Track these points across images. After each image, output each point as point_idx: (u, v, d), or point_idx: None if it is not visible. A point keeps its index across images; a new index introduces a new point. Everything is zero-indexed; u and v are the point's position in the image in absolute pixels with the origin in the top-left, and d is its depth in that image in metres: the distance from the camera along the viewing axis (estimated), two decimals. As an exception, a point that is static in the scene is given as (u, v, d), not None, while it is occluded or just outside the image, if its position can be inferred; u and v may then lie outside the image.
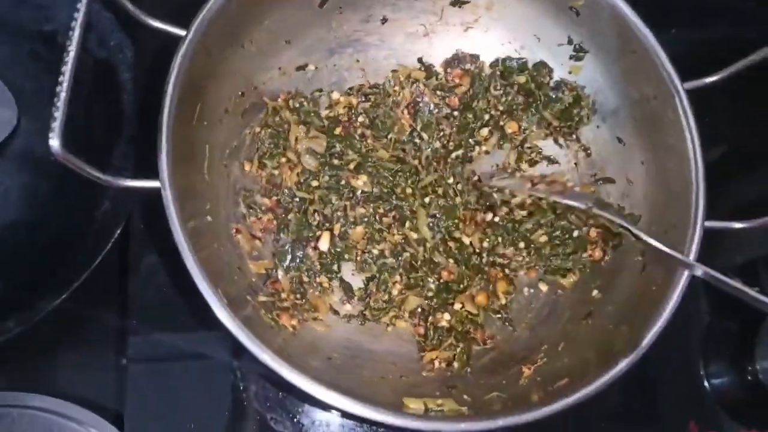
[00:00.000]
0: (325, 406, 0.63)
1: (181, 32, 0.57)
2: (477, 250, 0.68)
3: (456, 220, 0.68)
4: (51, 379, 0.71)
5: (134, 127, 0.73)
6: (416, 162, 0.70)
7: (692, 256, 0.57)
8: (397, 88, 0.72)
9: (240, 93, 0.66)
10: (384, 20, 0.72)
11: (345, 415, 0.62)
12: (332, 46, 0.71)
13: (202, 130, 0.61)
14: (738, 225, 0.59)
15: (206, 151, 0.62)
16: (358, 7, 0.70)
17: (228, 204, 0.64)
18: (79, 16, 0.50)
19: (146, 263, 0.69)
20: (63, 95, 0.46)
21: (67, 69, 0.48)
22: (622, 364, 0.54)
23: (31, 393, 0.68)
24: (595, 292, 0.65)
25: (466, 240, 0.68)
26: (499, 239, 0.69)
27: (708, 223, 0.59)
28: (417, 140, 0.71)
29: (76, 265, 0.67)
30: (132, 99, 0.74)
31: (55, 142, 0.45)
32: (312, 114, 0.69)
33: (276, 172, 0.67)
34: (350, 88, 0.72)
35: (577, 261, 0.66)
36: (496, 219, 0.69)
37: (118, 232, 0.69)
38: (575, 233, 0.67)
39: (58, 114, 0.46)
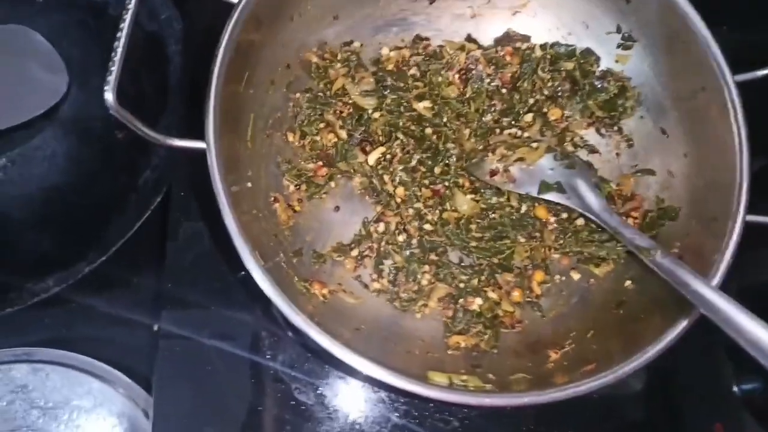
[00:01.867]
0: (350, 371, 0.64)
1: (233, 0, 0.58)
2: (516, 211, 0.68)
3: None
4: (85, 338, 0.73)
5: (180, 98, 0.75)
6: (467, 131, 0.70)
7: (730, 251, 0.57)
8: (451, 51, 0.72)
9: (286, 65, 0.67)
10: (432, 0, 0.72)
11: (369, 381, 0.63)
12: (378, 24, 0.72)
13: (247, 99, 0.62)
14: (781, 220, 0.58)
15: (251, 119, 0.63)
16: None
17: (269, 173, 0.65)
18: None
19: (184, 230, 0.71)
20: (120, 50, 0.48)
21: (125, 25, 0.49)
22: (651, 352, 0.54)
23: (66, 351, 0.71)
24: (628, 283, 0.64)
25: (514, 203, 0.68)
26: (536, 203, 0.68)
27: (750, 217, 0.58)
28: (465, 109, 0.70)
29: (116, 229, 0.70)
30: (179, 72, 0.77)
31: (109, 96, 0.47)
32: (361, 67, 0.70)
33: (317, 138, 0.68)
34: (402, 41, 0.72)
35: (611, 250, 0.65)
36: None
37: (158, 200, 0.72)
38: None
39: (114, 68, 0.48)
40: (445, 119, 0.69)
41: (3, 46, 0.75)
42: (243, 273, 0.66)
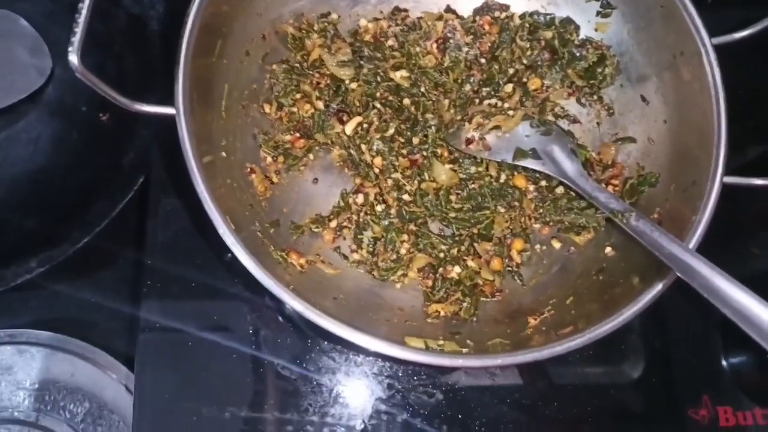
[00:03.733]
0: (328, 338, 0.64)
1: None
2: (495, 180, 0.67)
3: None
4: (70, 319, 0.74)
5: (162, 78, 0.74)
6: (446, 101, 0.69)
7: (708, 211, 0.56)
8: (429, 22, 0.71)
9: (262, 36, 0.66)
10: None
11: (347, 346, 0.62)
12: (356, -5, 0.72)
13: (221, 69, 0.61)
14: (759, 181, 0.57)
15: (224, 89, 0.62)
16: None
17: (245, 144, 0.65)
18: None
19: (163, 208, 0.71)
20: (84, 12, 0.47)
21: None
22: (626, 314, 0.53)
23: (50, 332, 0.71)
24: (608, 250, 0.64)
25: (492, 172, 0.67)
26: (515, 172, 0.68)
27: (728, 179, 0.57)
28: (443, 79, 0.70)
29: (99, 210, 0.70)
30: (160, 52, 0.76)
31: (74, 58, 0.46)
32: (338, 39, 0.69)
33: (294, 109, 0.67)
34: (381, 12, 0.72)
35: (591, 217, 0.64)
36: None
37: (141, 180, 0.72)
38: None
39: (78, 30, 0.47)
40: (423, 89, 0.68)
41: None
42: (230, 255, 0.67)
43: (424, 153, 0.66)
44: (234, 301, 0.68)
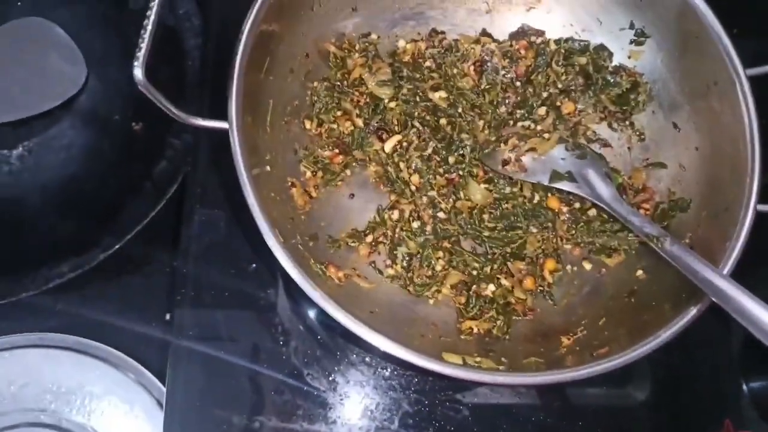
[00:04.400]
0: (366, 350, 0.65)
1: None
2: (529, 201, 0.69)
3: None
4: (99, 324, 0.74)
5: (198, 92, 0.76)
6: (481, 122, 0.71)
7: (742, 239, 0.57)
8: (466, 45, 0.73)
9: (305, 54, 0.68)
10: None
11: (385, 358, 0.63)
12: (395, 17, 0.73)
13: (267, 85, 0.63)
14: (792, 210, 0.59)
15: (270, 105, 0.64)
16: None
17: (286, 159, 0.66)
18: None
19: (199, 217, 0.72)
20: (150, 27, 0.49)
21: (155, 2, 0.50)
22: (662, 337, 0.55)
23: (79, 337, 0.72)
24: (639, 272, 0.65)
25: (527, 193, 0.69)
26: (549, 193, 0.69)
27: (761, 207, 0.58)
28: (480, 100, 0.72)
29: (131, 217, 0.71)
30: (197, 66, 0.78)
31: (138, 72, 0.48)
32: (378, 58, 0.71)
33: (334, 126, 0.69)
34: (418, 34, 0.74)
35: (623, 240, 0.66)
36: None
37: (173, 189, 0.73)
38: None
39: (144, 44, 0.49)
40: (459, 110, 0.70)
41: (23, 38, 0.77)
42: (254, 266, 0.69)
43: (461, 172, 0.68)
44: (266, 312, 0.69)
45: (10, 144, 0.74)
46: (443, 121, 0.70)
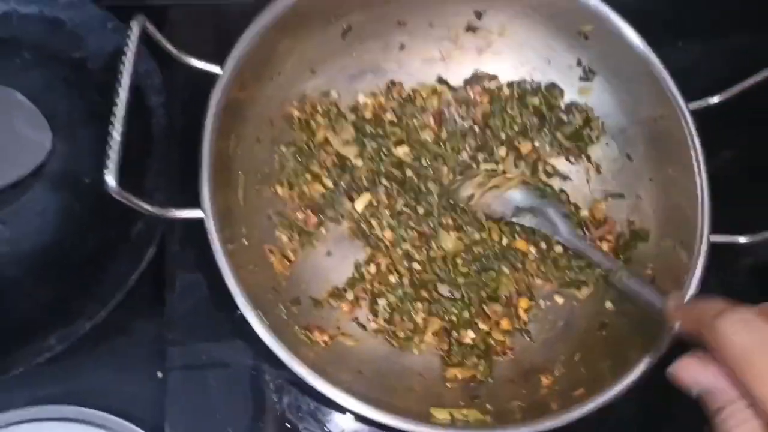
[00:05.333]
0: (357, 417, 0.66)
1: (216, 69, 0.61)
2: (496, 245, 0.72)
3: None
4: (91, 390, 0.73)
5: (165, 151, 0.76)
6: (445, 169, 0.74)
7: (698, 270, 0.61)
8: (424, 94, 0.76)
9: (270, 121, 0.70)
10: (402, 47, 0.76)
11: (374, 424, 0.65)
12: (353, 72, 0.75)
13: (236, 159, 0.65)
14: (742, 239, 0.62)
15: (239, 178, 0.66)
16: (377, 35, 0.74)
17: (262, 226, 0.68)
18: (130, 54, 0.53)
19: (181, 281, 0.73)
20: (116, 134, 0.50)
21: (120, 108, 0.51)
22: (636, 373, 0.58)
23: (73, 405, 0.71)
24: (608, 304, 0.68)
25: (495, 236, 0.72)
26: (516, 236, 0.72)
27: (714, 238, 0.62)
28: (442, 150, 0.74)
29: (112, 282, 0.70)
30: (161, 123, 0.77)
31: (111, 181, 0.49)
32: (341, 117, 0.74)
33: (305, 189, 0.71)
34: (377, 86, 0.76)
35: (590, 274, 0.69)
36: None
37: (152, 250, 0.72)
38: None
39: (113, 153, 0.50)
40: (424, 162, 0.73)
41: None
42: (239, 312, 0.70)
43: (431, 223, 0.70)
44: (258, 372, 0.70)
45: None
46: (409, 172, 0.72)
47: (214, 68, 0.60)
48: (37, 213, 0.74)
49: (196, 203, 0.58)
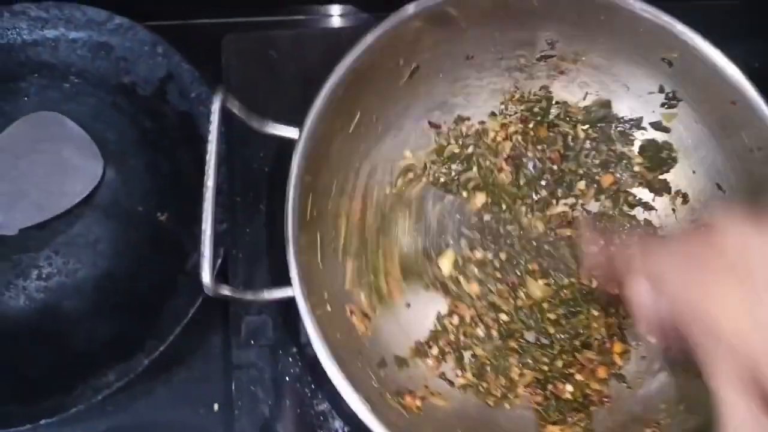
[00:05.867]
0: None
1: (293, 133, 0.57)
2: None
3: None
4: (149, 423, 0.72)
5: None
6: (523, 207, 0.71)
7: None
8: (493, 134, 0.73)
9: (343, 176, 0.67)
10: (468, 81, 0.72)
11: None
12: (420, 113, 0.72)
13: (313, 222, 0.62)
14: None
15: (318, 240, 0.63)
16: (445, 72, 0.70)
17: (341, 287, 0.65)
18: (214, 131, 0.50)
19: (246, 325, 0.70)
20: (208, 232, 0.47)
21: (209, 205, 0.48)
22: None
23: None
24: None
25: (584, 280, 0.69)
26: None
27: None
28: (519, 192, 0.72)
29: (170, 316, 0.69)
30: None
31: (207, 280, 0.47)
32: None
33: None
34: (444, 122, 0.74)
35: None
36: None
37: None
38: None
39: (207, 252, 0.47)
40: (503, 206, 0.70)
41: (36, 134, 0.75)
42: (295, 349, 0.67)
43: (518, 272, 0.67)
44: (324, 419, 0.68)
45: (36, 247, 0.73)
46: (487, 217, 0.69)
47: (292, 133, 0.57)
48: (90, 243, 0.73)
49: (278, 275, 0.55)
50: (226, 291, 0.49)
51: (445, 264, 0.67)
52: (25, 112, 0.76)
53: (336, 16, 0.90)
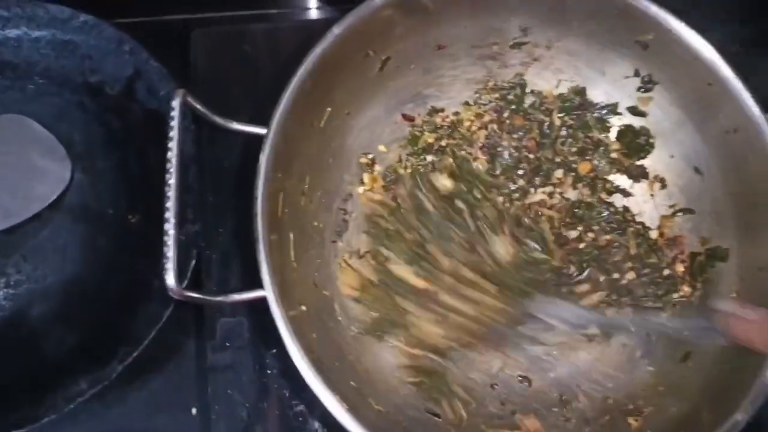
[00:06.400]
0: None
1: (260, 130, 0.56)
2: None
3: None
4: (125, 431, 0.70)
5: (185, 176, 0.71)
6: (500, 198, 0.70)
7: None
8: (468, 123, 0.72)
9: (315, 171, 0.66)
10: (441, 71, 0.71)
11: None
12: (392, 104, 0.71)
13: (285, 221, 0.60)
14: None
15: (291, 238, 0.61)
16: (417, 62, 0.69)
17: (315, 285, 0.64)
18: (175, 134, 0.48)
19: (221, 327, 0.69)
20: (171, 232, 0.46)
21: (172, 198, 0.47)
22: (738, 417, 0.54)
23: None
24: (686, 332, 0.63)
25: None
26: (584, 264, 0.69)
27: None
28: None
29: (144, 320, 0.67)
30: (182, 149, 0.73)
31: (171, 283, 0.45)
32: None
33: None
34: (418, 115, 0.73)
35: (668, 302, 0.65)
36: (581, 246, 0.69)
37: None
38: (665, 272, 0.67)
39: (171, 254, 0.46)
40: (478, 195, 0.69)
41: (0, 137, 0.72)
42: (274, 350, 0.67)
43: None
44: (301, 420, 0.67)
45: (4, 253, 0.70)
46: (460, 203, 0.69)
47: (259, 129, 0.56)
48: (59, 248, 0.71)
49: (254, 275, 0.54)
50: (192, 294, 0.47)
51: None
52: (-14, 115, 0.74)
53: (313, 9, 0.87)
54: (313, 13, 0.87)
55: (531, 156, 0.71)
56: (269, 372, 0.68)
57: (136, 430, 0.70)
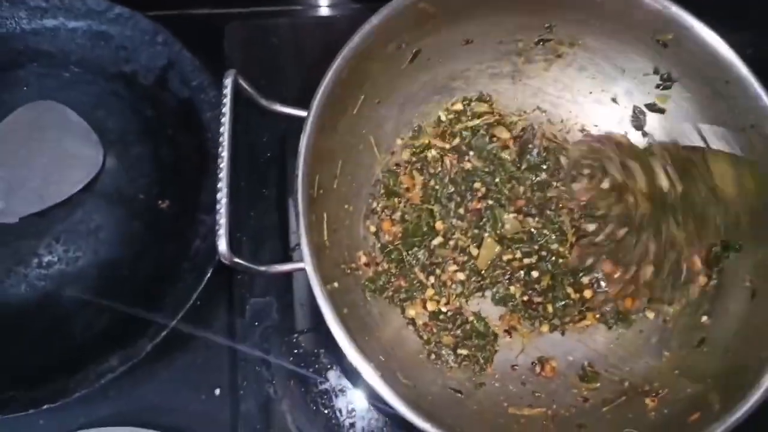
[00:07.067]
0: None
1: (301, 113, 0.58)
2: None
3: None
4: (151, 408, 0.72)
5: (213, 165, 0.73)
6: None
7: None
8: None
9: (347, 157, 0.69)
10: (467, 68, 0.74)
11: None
12: (422, 95, 0.74)
13: (319, 202, 0.63)
14: None
15: (324, 218, 0.64)
16: (445, 56, 0.72)
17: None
18: (227, 112, 0.50)
19: (251, 307, 0.72)
20: (224, 201, 0.48)
21: (224, 175, 0.49)
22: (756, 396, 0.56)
23: (133, 426, 0.69)
24: (704, 318, 0.66)
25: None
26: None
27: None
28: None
29: (173, 301, 0.69)
30: (215, 138, 0.75)
31: (223, 247, 0.47)
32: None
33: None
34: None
35: (685, 292, 0.68)
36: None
37: (212, 269, 0.69)
38: (684, 270, 0.69)
39: (223, 221, 0.48)
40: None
41: (36, 123, 0.76)
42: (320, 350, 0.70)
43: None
44: (330, 396, 0.70)
45: (37, 234, 0.73)
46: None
47: (301, 112, 0.58)
48: (91, 231, 0.73)
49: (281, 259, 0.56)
50: (241, 261, 0.50)
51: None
52: (24, 101, 0.77)
53: (328, 6, 0.92)
54: (328, 10, 0.92)
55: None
56: (296, 351, 0.70)
57: (162, 407, 0.72)
